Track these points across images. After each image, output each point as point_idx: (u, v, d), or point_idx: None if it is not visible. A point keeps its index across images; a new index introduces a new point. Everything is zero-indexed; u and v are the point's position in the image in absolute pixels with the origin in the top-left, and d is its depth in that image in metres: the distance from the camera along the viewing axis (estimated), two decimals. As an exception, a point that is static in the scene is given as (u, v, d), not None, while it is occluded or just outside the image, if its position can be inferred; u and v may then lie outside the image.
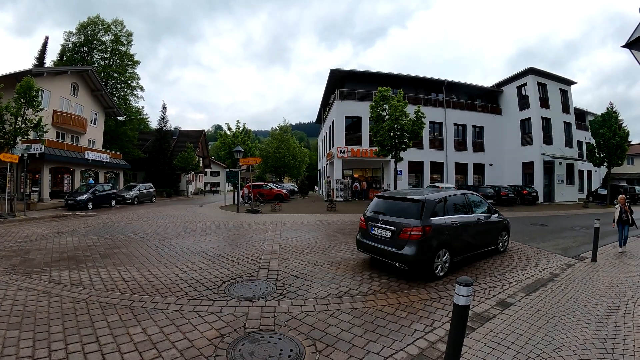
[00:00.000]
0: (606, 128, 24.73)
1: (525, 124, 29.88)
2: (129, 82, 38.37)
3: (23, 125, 16.12)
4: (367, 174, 32.06)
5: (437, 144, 30.06)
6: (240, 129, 27.44)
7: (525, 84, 29.87)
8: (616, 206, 9.05)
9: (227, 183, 31.08)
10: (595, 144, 26.01)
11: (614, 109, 25.76)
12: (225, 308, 4.66)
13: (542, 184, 27.98)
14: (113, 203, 22.81)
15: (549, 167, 28.48)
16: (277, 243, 9.40)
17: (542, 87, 29.46)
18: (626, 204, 8.93)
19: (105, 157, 27.90)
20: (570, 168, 30.08)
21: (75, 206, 19.39)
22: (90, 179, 26.44)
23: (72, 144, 26.28)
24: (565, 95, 30.80)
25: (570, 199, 29.25)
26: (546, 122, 28.94)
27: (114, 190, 24.11)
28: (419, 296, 5.29)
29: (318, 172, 48.17)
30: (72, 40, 36.31)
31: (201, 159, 48.53)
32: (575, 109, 33.05)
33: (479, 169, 31.30)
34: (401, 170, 24.88)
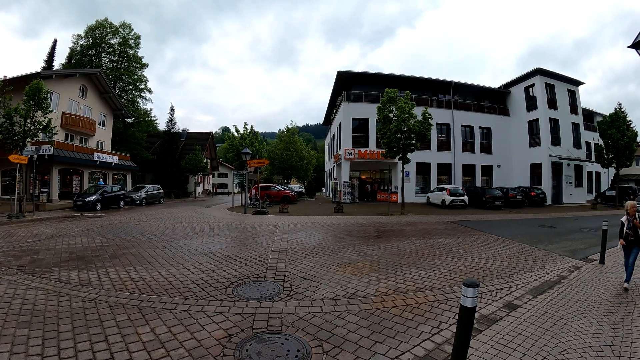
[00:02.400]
0: (614, 129, 24.45)
1: (533, 125, 29.65)
2: (137, 84, 38.77)
3: (32, 127, 16.34)
4: (374, 175, 31.96)
5: (444, 145, 29.89)
6: (248, 130, 27.52)
7: (532, 85, 29.65)
8: (622, 218, 6.05)
9: (234, 185, 31.22)
10: (603, 145, 25.72)
11: (622, 110, 25.52)
12: (233, 308, 4.69)
13: (550, 185, 27.72)
14: (121, 204, 23.02)
15: (557, 168, 28.22)
16: (284, 244, 9.43)
17: (550, 88, 29.22)
18: (637, 215, 5.86)
19: (113, 159, 28.21)
20: (578, 169, 29.79)
21: (83, 207, 19.59)
22: (99, 180, 26.73)
23: (80, 145, 26.62)
24: (573, 95, 30.52)
25: (579, 200, 28.95)
26: (554, 123, 28.70)
27: (123, 192, 24.35)
28: (426, 298, 5.29)
29: (325, 173, 48.19)
30: (81, 43, 36.77)
31: (209, 160, 48.77)
32: (584, 110, 32.73)
33: (487, 170, 31.05)
34: (408, 172, 24.76)
